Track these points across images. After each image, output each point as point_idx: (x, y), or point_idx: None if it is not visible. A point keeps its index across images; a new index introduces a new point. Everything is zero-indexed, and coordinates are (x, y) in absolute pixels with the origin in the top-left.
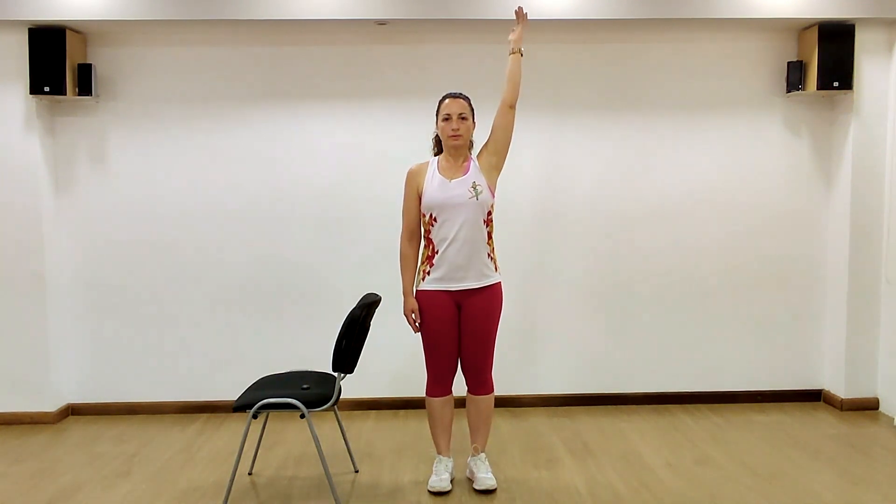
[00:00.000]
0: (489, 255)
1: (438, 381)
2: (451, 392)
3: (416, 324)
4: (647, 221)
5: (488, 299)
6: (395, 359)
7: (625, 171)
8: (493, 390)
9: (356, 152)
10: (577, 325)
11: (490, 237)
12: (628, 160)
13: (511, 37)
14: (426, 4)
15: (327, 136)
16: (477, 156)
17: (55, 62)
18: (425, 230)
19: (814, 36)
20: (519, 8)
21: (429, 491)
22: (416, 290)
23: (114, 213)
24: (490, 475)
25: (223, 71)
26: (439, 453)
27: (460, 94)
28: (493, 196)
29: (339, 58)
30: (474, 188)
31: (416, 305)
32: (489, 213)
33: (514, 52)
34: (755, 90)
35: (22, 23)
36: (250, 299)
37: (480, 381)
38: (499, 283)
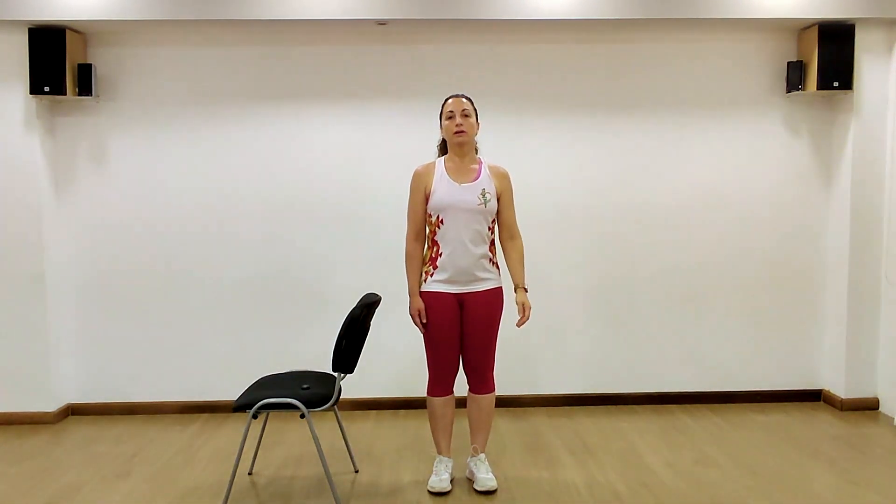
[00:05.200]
0: (492, 260)
1: (440, 381)
2: (452, 392)
3: (423, 324)
4: (647, 221)
5: (491, 299)
6: (395, 359)
7: (624, 171)
8: (494, 389)
9: (356, 152)
10: (577, 325)
11: (493, 244)
12: (628, 160)
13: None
14: (426, 4)
15: (327, 136)
16: (489, 169)
17: (55, 62)
18: (430, 231)
19: (814, 36)
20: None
21: (429, 491)
22: (420, 291)
23: (114, 212)
24: (490, 475)
25: (223, 71)
26: (439, 453)
27: (462, 94)
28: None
29: (339, 58)
30: (483, 195)
31: (422, 305)
32: (493, 220)
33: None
34: (755, 90)
35: (22, 23)
36: (250, 299)
37: (482, 379)
38: (501, 287)
